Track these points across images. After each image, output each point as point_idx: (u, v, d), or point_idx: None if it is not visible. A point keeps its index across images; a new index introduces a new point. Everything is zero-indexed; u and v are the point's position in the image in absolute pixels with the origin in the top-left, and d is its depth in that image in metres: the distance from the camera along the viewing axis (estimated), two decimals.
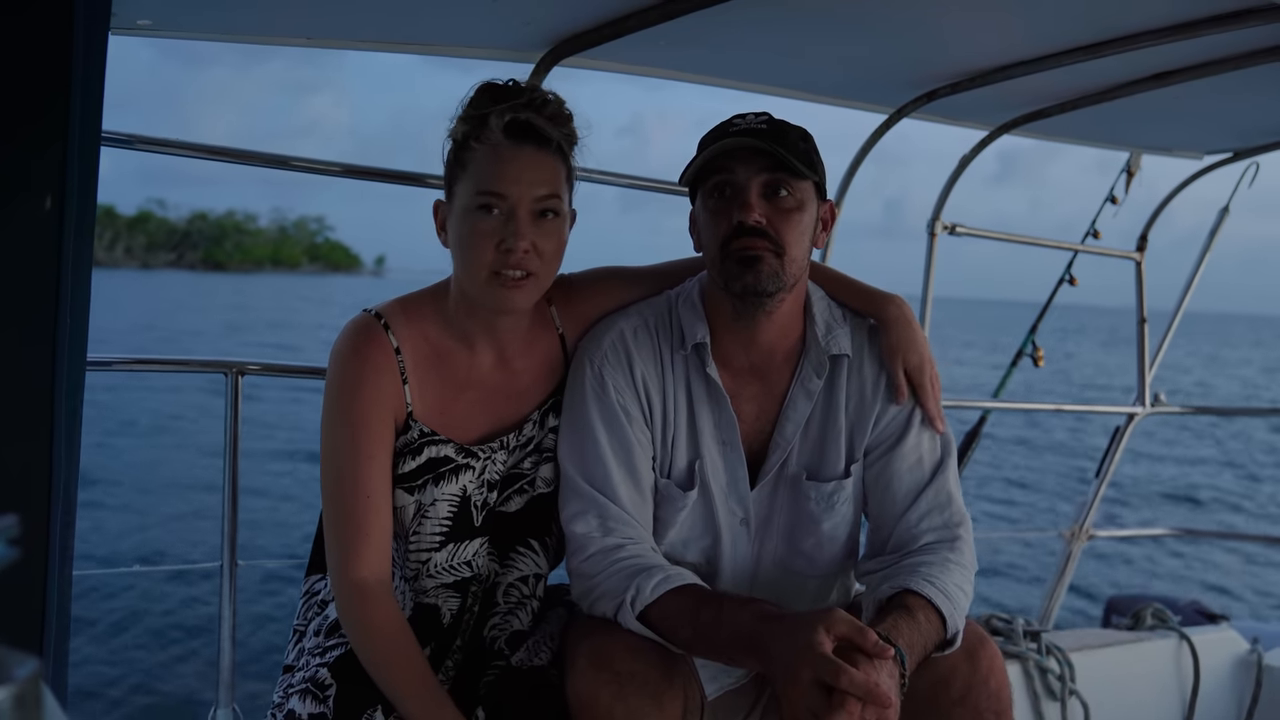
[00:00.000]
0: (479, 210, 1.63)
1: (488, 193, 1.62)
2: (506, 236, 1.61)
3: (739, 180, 1.68)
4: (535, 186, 1.63)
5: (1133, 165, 3.50)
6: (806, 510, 1.83)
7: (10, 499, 1.41)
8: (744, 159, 1.67)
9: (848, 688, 1.38)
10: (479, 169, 1.63)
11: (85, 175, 1.44)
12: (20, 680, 0.54)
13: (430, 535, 1.74)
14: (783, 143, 1.66)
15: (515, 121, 1.62)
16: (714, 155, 1.68)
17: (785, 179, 1.68)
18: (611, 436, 1.75)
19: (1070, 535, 3.67)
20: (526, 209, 1.62)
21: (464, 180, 1.65)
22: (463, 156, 1.65)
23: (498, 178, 1.62)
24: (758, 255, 1.67)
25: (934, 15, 2.16)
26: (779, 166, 1.67)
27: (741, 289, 1.69)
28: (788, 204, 1.69)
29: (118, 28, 1.86)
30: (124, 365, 2.11)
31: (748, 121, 1.71)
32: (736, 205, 1.68)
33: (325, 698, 1.64)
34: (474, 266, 1.64)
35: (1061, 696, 2.73)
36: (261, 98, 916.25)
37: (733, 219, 1.68)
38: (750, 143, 1.66)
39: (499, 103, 1.62)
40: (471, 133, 1.63)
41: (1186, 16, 2.09)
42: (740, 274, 1.68)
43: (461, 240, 1.65)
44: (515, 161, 1.62)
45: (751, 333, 1.78)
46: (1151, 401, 3.63)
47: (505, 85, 1.66)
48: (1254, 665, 3.17)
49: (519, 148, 1.63)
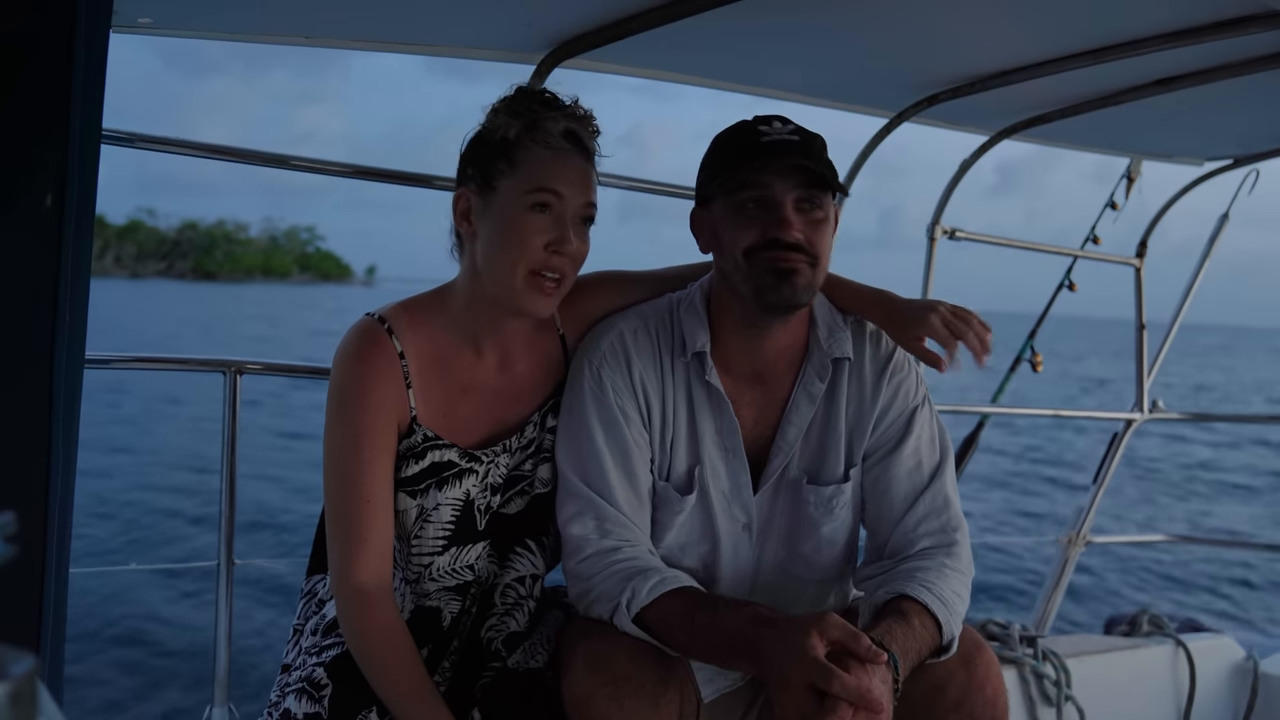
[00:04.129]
0: (533, 208, 1.64)
1: (547, 190, 1.63)
2: (559, 236, 1.64)
3: (776, 195, 1.67)
4: (586, 193, 1.67)
5: (1133, 171, 3.51)
6: (806, 514, 1.83)
7: (8, 496, 1.41)
8: (780, 171, 1.67)
9: (840, 692, 1.38)
10: (536, 167, 1.64)
11: (85, 172, 1.44)
12: (16, 677, 0.54)
13: (433, 539, 1.74)
14: (814, 155, 1.67)
15: (568, 130, 1.66)
16: (754, 173, 1.66)
17: (817, 193, 1.69)
18: (609, 438, 1.75)
19: (1067, 541, 3.67)
20: (575, 214, 1.66)
21: (513, 176, 1.65)
22: (513, 153, 1.65)
23: (557, 178, 1.64)
24: (795, 269, 1.67)
25: (935, 20, 2.16)
26: (813, 182, 1.67)
27: (777, 300, 1.68)
28: (818, 216, 1.69)
29: (119, 25, 1.86)
30: (122, 363, 2.11)
31: (776, 130, 1.69)
32: (773, 220, 1.66)
33: (321, 698, 1.64)
34: (514, 263, 1.64)
35: (1057, 702, 2.73)
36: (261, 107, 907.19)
37: (765, 231, 1.66)
38: (796, 161, 1.65)
39: (549, 108, 1.66)
40: (527, 131, 1.64)
41: (1188, 23, 2.09)
42: (776, 285, 1.67)
43: (504, 235, 1.65)
44: (571, 167, 1.66)
45: (761, 339, 1.78)
46: (1150, 408, 3.63)
47: (546, 93, 1.70)
48: (1250, 673, 3.17)
49: (573, 154, 1.67)
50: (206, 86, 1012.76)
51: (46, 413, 1.43)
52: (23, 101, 1.39)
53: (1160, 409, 3.64)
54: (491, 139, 1.67)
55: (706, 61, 2.49)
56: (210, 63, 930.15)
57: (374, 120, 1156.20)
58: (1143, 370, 3.63)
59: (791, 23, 2.15)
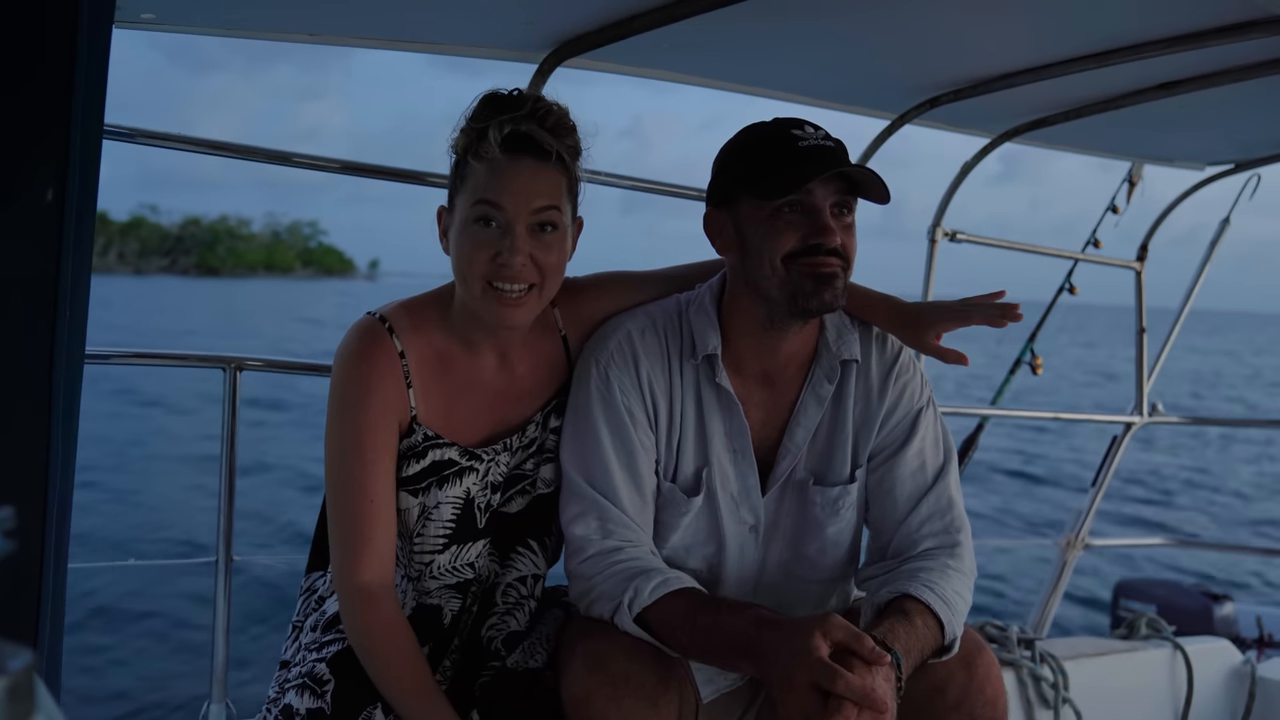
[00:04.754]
0: (476, 223, 1.62)
1: (484, 202, 1.61)
2: (503, 250, 1.61)
3: (817, 201, 1.66)
4: (533, 199, 1.61)
5: (1134, 175, 3.51)
6: (812, 515, 1.83)
7: (7, 491, 1.41)
8: (823, 179, 1.66)
9: (844, 692, 1.38)
10: (476, 182, 1.62)
11: (87, 167, 1.44)
12: (14, 672, 0.54)
13: (434, 538, 1.74)
14: (849, 162, 1.67)
15: (514, 134, 1.60)
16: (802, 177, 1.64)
17: (850, 200, 1.70)
18: (615, 439, 1.75)
19: (1065, 544, 3.67)
20: (524, 222, 1.61)
21: (463, 193, 1.64)
22: (462, 171, 1.65)
23: (494, 189, 1.61)
24: (834, 274, 1.67)
25: (938, 22, 2.16)
26: (849, 189, 1.68)
27: (817, 306, 1.68)
28: (850, 221, 1.70)
29: (121, 21, 1.86)
30: (122, 359, 2.11)
31: (809, 135, 1.68)
32: (813, 226, 1.65)
33: (323, 693, 1.64)
34: (470, 278, 1.64)
35: (1055, 705, 2.73)
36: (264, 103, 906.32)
37: (806, 237, 1.66)
38: (840, 168, 1.64)
39: (500, 114, 1.60)
40: (470, 147, 1.62)
41: (1190, 28, 2.09)
42: (817, 291, 1.66)
43: (459, 252, 1.65)
44: (512, 175, 1.61)
45: (778, 343, 1.78)
46: (1149, 411, 3.63)
47: (508, 95, 1.65)
48: (1248, 676, 3.17)
49: (516, 160, 1.61)
50: (209, 82, 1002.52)
51: (46, 408, 1.43)
52: (24, 97, 1.39)
53: (1160, 412, 3.65)
54: (453, 158, 1.67)
55: (708, 62, 2.49)
56: (213, 58, 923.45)
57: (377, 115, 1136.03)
58: (1143, 373, 3.63)
59: (793, 25, 2.15)
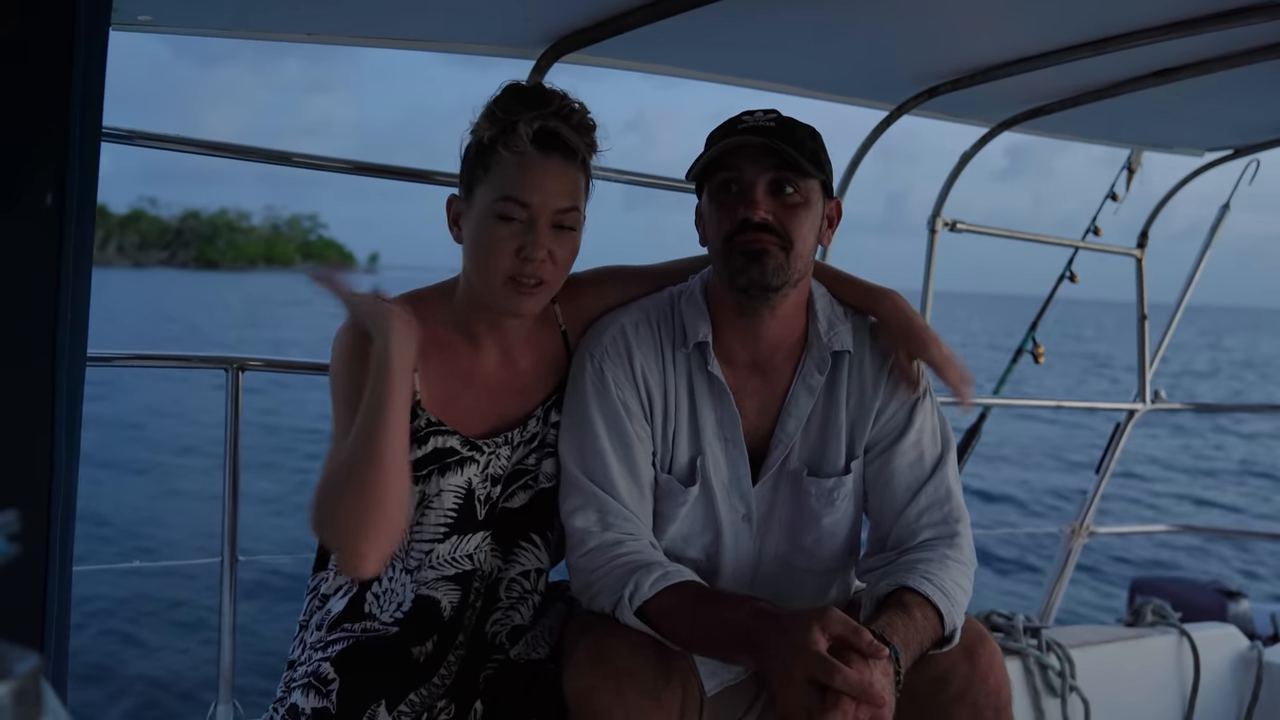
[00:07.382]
0: (500, 217, 1.62)
1: (512, 200, 1.61)
2: (526, 245, 1.62)
3: (745, 178, 1.68)
4: (558, 199, 1.63)
5: (1133, 162, 3.50)
6: (807, 506, 1.83)
7: (11, 495, 1.41)
8: (751, 156, 1.67)
9: (842, 687, 1.38)
10: (504, 175, 1.62)
11: (86, 170, 1.44)
12: (21, 676, 0.54)
13: (434, 526, 1.74)
14: (790, 140, 1.66)
15: (544, 130, 1.61)
16: (721, 152, 1.68)
17: (791, 177, 1.68)
18: (611, 432, 1.75)
19: (1070, 532, 3.67)
20: (547, 220, 1.63)
21: (486, 183, 1.64)
22: (487, 159, 1.64)
23: (523, 186, 1.61)
24: (763, 249, 1.67)
25: (935, 12, 2.16)
26: (786, 165, 1.67)
27: (746, 283, 1.69)
28: (794, 200, 1.69)
29: (119, 23, 1.85)
30: (125, 361, 2.11)
31: (756, 119, 1.70)
32: (742, 202, 1.68)
33: (328, 692, 1.64)
34: (490, 271, 1.64)
35: (1062, 693, 2.74)
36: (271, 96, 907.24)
37: (738, 215, 1.68)
38: (758, 141, 1.66)
39: (529, 108, 1.61)
40: (499, 137, 1.62)
41: (1188, 13, 2.09)
42: (745, 268, 1.68)
43: (479, 244, 1.65)
44: (542, 172, 1.62)
45: (755, 328, 1.78)
46: (1151, 398, 3.62)
47: (535, 90, 1.66)
48: (1254, 662, 3.17)
49: (547, 158, 1.62)
50: (217, 76, 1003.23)
51: (49, 410, 1.43)
52: (22, 99, 1.39)
53: (1162, 399, 3.64)
54: (472, 144, 1.67)
55: (706, 55, 2.49)
56: (220, 53, 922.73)
57: (385, 109, 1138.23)
58: (1145, 361, 3.62)
59: (791, 16, 2.15)
